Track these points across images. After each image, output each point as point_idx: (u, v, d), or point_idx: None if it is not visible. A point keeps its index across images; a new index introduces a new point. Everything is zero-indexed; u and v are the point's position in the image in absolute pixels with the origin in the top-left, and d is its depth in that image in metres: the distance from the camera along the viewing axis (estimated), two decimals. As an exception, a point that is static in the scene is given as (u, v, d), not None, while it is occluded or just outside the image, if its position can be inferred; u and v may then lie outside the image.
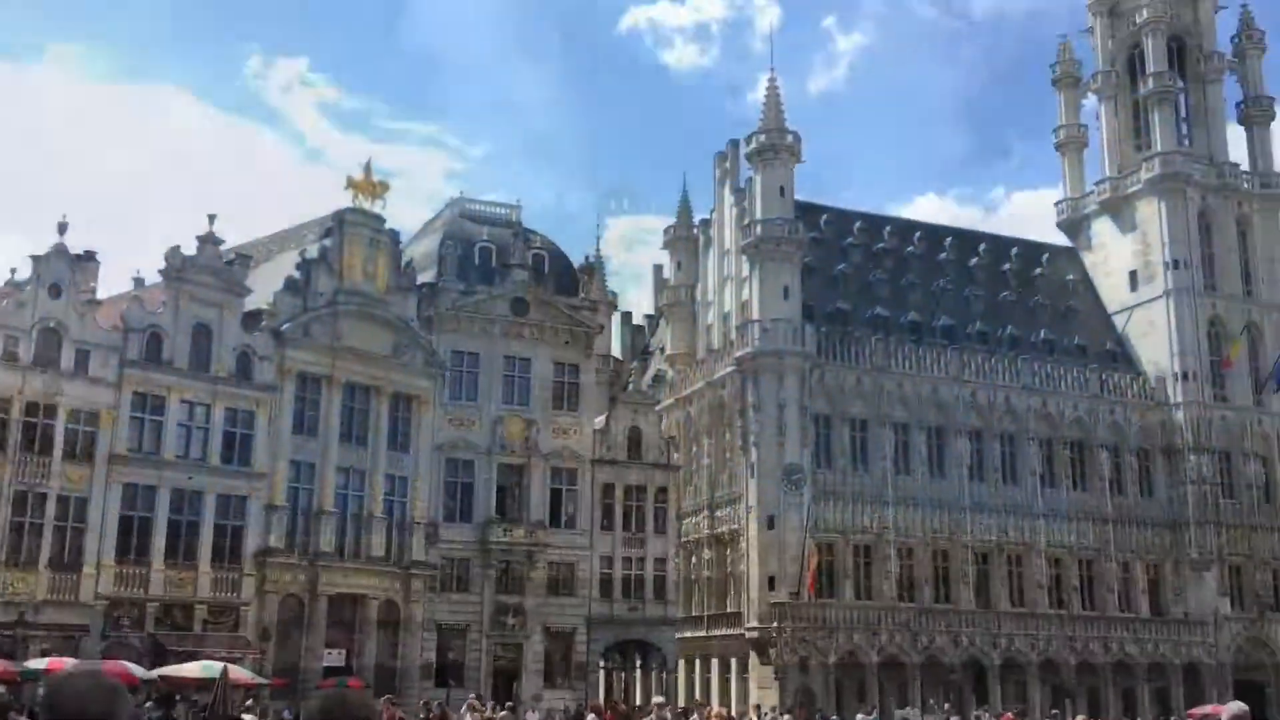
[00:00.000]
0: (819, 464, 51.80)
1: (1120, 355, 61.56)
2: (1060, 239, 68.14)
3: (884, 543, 51.97)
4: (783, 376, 50.92)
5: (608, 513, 45.66)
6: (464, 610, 42.48)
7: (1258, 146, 64.79)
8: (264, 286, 41.17)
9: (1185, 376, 58.71)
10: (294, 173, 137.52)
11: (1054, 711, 43.00)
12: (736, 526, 51.98)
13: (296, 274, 40.72)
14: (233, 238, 42.77)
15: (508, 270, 45.72)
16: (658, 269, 72.07)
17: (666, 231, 65.39)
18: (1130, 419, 58.26)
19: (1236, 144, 65.29)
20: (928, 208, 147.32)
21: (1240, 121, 65.68)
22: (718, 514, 54.05)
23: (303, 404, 39.84)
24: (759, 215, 53.12)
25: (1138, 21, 64.62)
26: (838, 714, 44.37)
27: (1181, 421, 58.09)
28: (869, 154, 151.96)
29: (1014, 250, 65.12)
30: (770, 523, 49.80)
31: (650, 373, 65.10)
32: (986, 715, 42.34)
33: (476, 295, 44.74)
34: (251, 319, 39.36)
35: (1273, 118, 65.36)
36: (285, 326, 39.34)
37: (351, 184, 42.14)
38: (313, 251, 41.63)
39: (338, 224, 41.78)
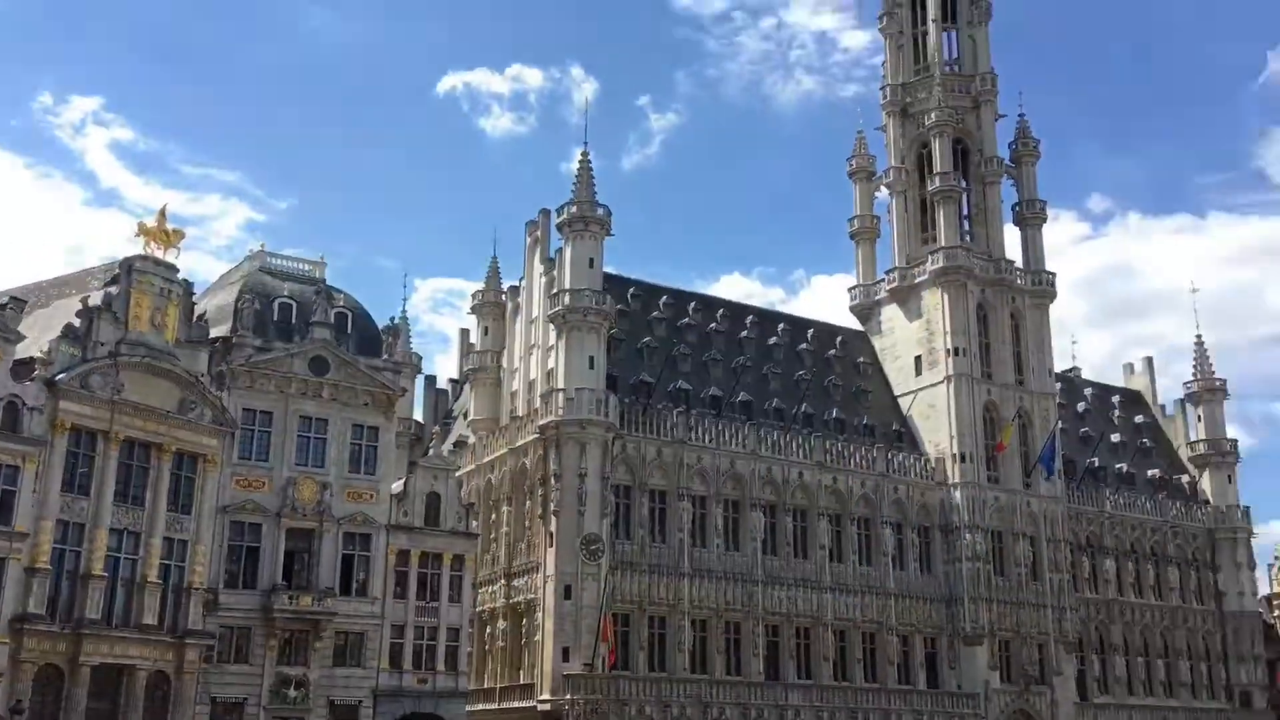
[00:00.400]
0: (618, 534, 52.07)
1: (905, 436, 64.67)
2: (854, 323, 71.43)
3: (678, 614, 52.47)
4: (585, 446, 51.12)
5: (401, 580, 44.42)
6: (242, 682, 40.29)
7: (1030, 246, 69.93)
8: (40, 333, 38.64)
9: (963, 458, 62.13)
10: (83, 215, 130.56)
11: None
12: (533, 596, 51.49)
13: (77, 321, 38.41)
14: (8, 280, 40.18)
15: (308, 328, 44.43)
16: (464, 333, 71.57)
17: (475, 296, 65.12)
18: (913, 497, 61.10)
19: (1012, 243, 70.35)
20: (733, 286, 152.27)
21: (1015, 222, 70.82)
22: (514, 583, 53.45)
23: (75, 460, 37.33)
24: (568, 285, 53.61)
25: (926, 124, 69.12)
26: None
27: (959, 501, 61.31)
28: (679, 231, 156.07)
29: (811, 331, 67.84)
30: (567, 593, 49.57)
31: (452, 438, 64.22)
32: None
33: (273, 352, 43.25)
34: (23, 367, 36.79)
35: (1044, 220, 70.82)
36: (60, 377, 36.96)
37: (143, 230, 40.24)
38: (96, 298, 39.40)
39: (125, 271, 39.71)
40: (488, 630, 54.43)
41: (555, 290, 54.79)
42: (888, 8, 73.73)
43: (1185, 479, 75.06)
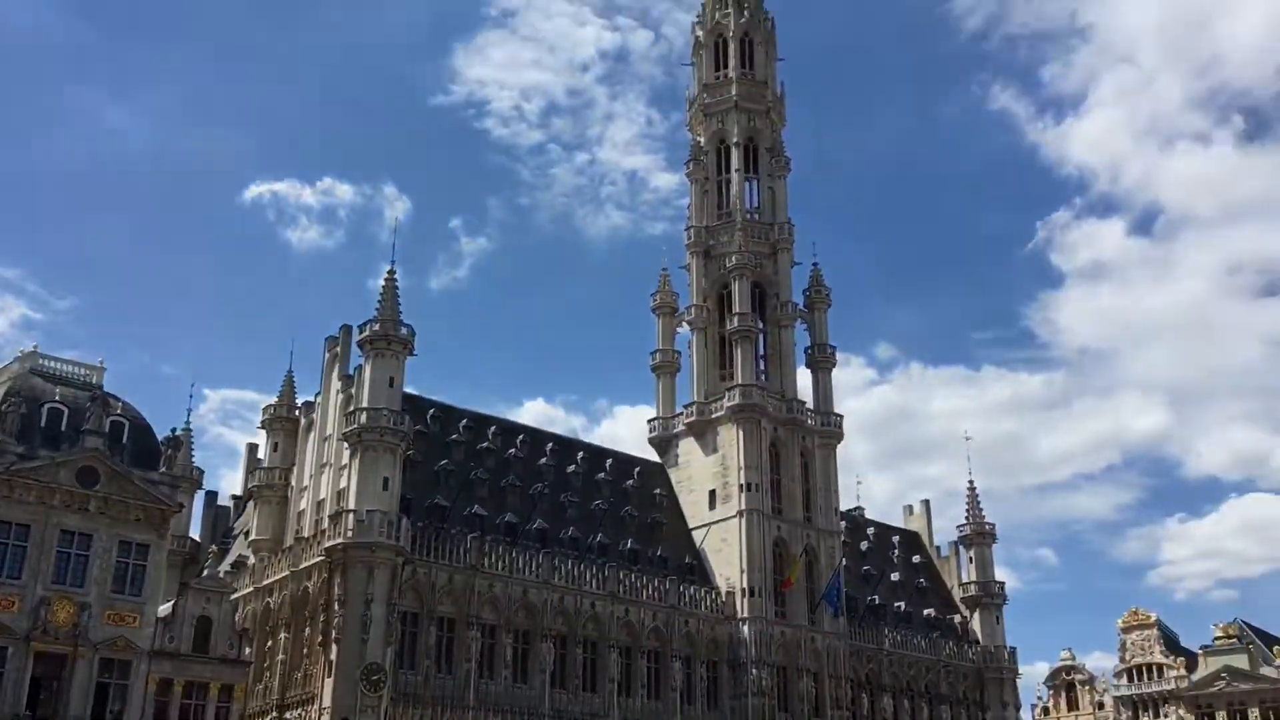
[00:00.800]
0: (402, 664, 50.12)
1: (697, 569, 65.28)
2: (652, 455, 72.34)
3: (461, 750, 50.55)
4: (373, 570, 49.31)
5: (162, 711, 41.22)
6: (-34, 827, 36.26)
7: (820, 389, 72.88)
8: None
9: (752, 593, 63.05)
10: None
11: None
12: (306, 730, 48.64)
13: None
14: None
15: (79, 435, 41.71)
16: (252, 448, 68.56)
17: (266, 410, 62.70)
18: (702, 631, 61.41)
19: (804, 385, 73.16)
20: (536, 412, 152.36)
21: (808, 365, 73.85)
22: (288, 716, 50.39)
23: None
24: (365, 403, 52.38)
25: (727, 266, 71.94)
26: None
27: (747, 636, 61.97)
28: (484, 354, 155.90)
29: (609, 461, 68.29)
30: (343, 727, 47.07)
31: (230, 558, 60.89)
32: None
33: (37, 460, 40.28)
34: None
35: (833, 365, 74.03)
36: None
37: (-99, 323, 37.29)
38: None
39: (-125, 365, 36.58)
40: (254, 767, 50.96)
41: (352, 408, 53.39)
42: (694, 155, 77.12)
43: (957, 619, 78.28)
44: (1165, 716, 78.16)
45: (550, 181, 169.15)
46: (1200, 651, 79.64)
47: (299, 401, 62.00)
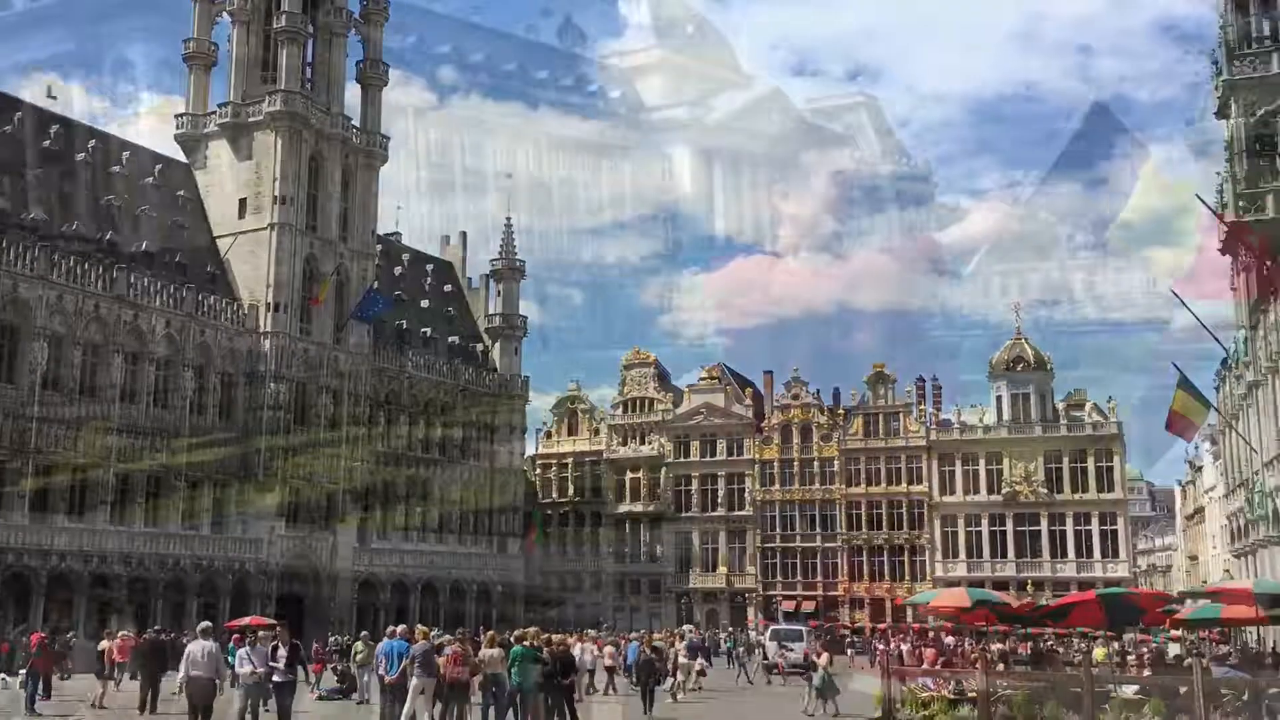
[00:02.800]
0: None
1: (220, 279, 62.57)
2: (178, 153, 66.95)
3: (-72, 450, 46.31)
4: None
5: None
6: None
7: (369, 108, 70.45)
8: None
9: (277, 308, 61.73)
10: None
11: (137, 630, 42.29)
12: None
13: None
14: None
15: None
16: None
17: None
18: (220, 342, 59.57)
19: (355, 101, 70.39)
20: (46, 87, 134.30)
21: (359, 80, 70.79)
22: None
23: None
24: None
25: (281, -43, 66.02)
26: None
27: (267, 350, 61.00)
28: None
29: (126, 154, 62.43)
30: None
31: None
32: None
33: None
34: None
35: (385, 84, 71.55)
36: None
37: None
38: None
39: None
40: None
41: None
42: None
43: (480, 348, 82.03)
44: (649, 443, 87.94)
45: None
46: (686, 389, 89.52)
47: None
